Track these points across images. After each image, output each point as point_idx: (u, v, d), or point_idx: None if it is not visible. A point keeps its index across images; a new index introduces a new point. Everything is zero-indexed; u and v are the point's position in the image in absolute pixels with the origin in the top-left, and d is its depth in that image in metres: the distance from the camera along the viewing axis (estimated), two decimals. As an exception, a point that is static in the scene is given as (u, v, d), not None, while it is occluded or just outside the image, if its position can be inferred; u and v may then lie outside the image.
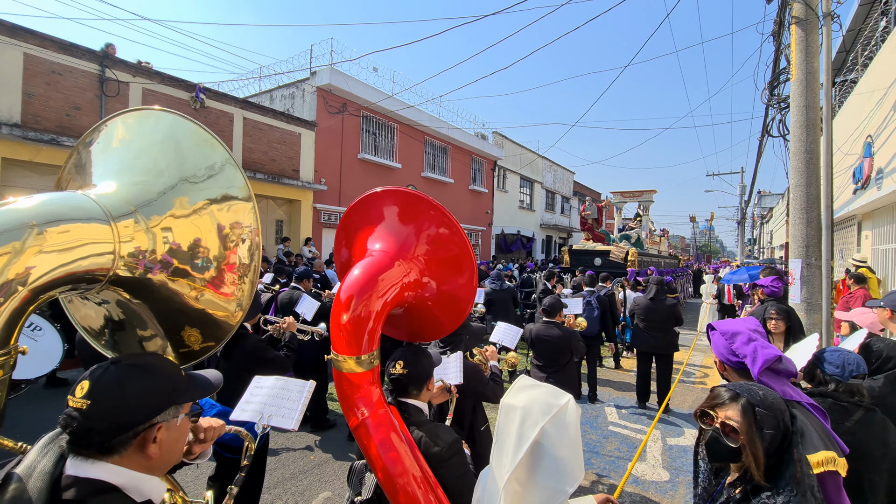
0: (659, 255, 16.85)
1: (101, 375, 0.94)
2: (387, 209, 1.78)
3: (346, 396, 1.52)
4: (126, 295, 1.25)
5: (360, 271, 1.61)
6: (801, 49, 4.83)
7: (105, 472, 0.89)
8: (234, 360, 2.87)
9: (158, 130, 1.31)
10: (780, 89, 7.16)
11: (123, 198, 1.19)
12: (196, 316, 1.31)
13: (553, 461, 1.04)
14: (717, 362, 1.77)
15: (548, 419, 1.06)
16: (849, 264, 7.54)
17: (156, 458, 0.95)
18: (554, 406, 1.08)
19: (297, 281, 5.24)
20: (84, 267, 1.06)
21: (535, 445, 1.04)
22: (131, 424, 0.91)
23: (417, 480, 1.46)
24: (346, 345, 1.51)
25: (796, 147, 4.91)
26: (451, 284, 1.79)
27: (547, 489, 1.03)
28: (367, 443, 1.48)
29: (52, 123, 7.73)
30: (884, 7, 8.89)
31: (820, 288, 4.76)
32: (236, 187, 1.31)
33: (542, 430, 1.05)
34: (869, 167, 7.59)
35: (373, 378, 1.55)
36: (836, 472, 1.40)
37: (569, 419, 1.08)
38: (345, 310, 1.53)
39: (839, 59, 11.82)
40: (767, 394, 1.26)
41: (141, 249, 1.18)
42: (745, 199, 26.23)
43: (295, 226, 12.56)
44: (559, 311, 3.97)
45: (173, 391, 1.00)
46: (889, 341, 2.13)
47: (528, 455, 1.04)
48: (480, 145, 19.53)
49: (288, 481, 3.63)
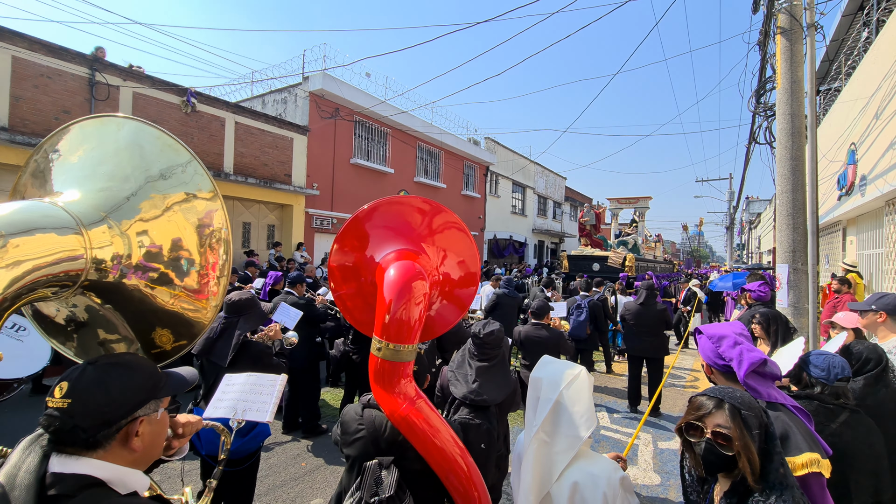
0: (655, 260, 17.14)
1: (80, 375, 0.95)
2: (417, 215, 1.85)
3: (394, 385, 1.56)
4: (97, 300, 1.25)
5: (408, 268, 1.64)
6: (786, 58, 4.93)
7: (90, 466, 0.91)
8: (242, 366, 2.87)
9: (121, 137, 1.31)
10: (766, 97, 7.30)
11: (91, 204, 1.19)
12: (168, 317, 1.31)
13: (571, 416, 1.39)
14: (705, 366, 1.80)
15: (564, 385, 1.43)
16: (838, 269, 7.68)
17: (139, 451, 0.98)
18: (570, 375, 1.46)
19: (290, 286, 5.21)
20: (53, 272, 1.05)
21: (556, 405, 1.41)
22: (115, 419, 0.94)
23: (465, 456, 1.59)
24: (411, 333, 1.56)
25: (782, 154, 5.01)
26: (456, 288, 1.90)
27: (568, 437, 1.38)
28: (420, 428, 1.53)
29: (41, 127, 7.64)
30: (865, 18, 9.11)
31: (807, 292, 4.84)
32: (204, 189, 1.32)
33: (560, 394, 1.42)
34: (853, 174, 7.75)
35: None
36: (819, 473, 1.43)
37: (581, 384, 1.44)
38: (413, 300, 1.57)
39: (823, 68, 12.09)
40: (742, 394, 1.26)
41: (115, 254, 1.18)
42: (733, 205, 26.62)
43: (287, 231, 12.49)
44: (546, 314, 4.15)
45: (153, 386, 1.03)
46: (868, 344, 2.18)
47: (550, 413, 1.41)
48: (473, 151, 19.62)
49: (279, 488, 3.60)
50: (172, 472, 3.64)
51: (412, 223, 1.82)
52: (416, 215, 1.82)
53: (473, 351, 2.57)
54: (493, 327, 2.54)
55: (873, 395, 2.02)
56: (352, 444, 1.69)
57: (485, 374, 2.45)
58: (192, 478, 3.31)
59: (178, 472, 3.64)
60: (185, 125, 9.70)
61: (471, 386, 2.40)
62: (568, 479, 1.36)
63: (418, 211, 1.83)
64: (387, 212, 1.80)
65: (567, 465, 1.37)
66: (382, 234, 1.80)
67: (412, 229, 1.81)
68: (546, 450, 1.37)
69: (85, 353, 1.36)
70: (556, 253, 29.80)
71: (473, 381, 2.42)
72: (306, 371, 4.73)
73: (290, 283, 5.20)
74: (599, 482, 1.35)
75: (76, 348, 1.37)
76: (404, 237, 1.80)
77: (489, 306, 6.76)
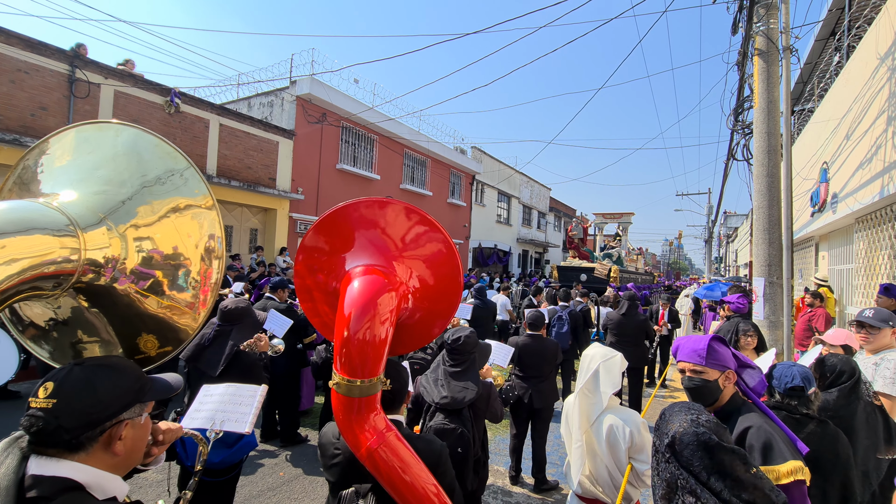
0: (637, 272, 18.31)
1: (67, 376, 0.94)
2: (383, 220, 1.63)
3: (360, 421, 1.40)
4: (85, 302, 1.23)
5: (369, 288, 1.47)
6: (763, 79, 5.12)
7: (70, 469, 0.89)
8: (231, 377, 2.81)
9: (119, 143, 1.30)
10: (744, 116, 7.55)
11: (87, 206, 1.18)
12: (156, 322, 1.29)
13: (603, 380, 2.05)
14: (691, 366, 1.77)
15: (602, 361, 2.09)
16: (811, 283, 7.91)
17: (121, 455, 0.97)
18: (607, 354, 2.12)
19: (272, 291, 5.12)
20: (46, 272, 1.04)
21: (594, 373, 2.07)
22: (99, 420, 0.93)
23: (439, 496, 1.47)
24: (374, 363, 1.40)
25: (759, 171, 5.17)
26: (436, 301, 1.74)
27: (601, 393, 2.04)
28: (386, 466, 1.40)
29: (16, 123, 7.40)
30: (837, 44, 9.53)
31: (782, 305, 4.98)
32: (201, 197, 1.32)
33: (598, 365, 2.08)
34: (825, 192, 8.03)
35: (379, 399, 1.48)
36: (802, 480, 1.46)
37: (613, 362, 2.09)
38: (376, 321, 1.42)
39: (797, 89, 12.56)
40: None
41: (111, 257, 1.17)
42: (712, 219, 27.29)
43: (270, 235, 12.32)
44: (542, 325, 4.15)
45: (139, 389, 1.02)
46: (842, 357, 2.24)
47: (591, 378, 2.07)
48: (459, 159, 19.73)
49: (256, 498, 3.51)
50: (151, 482, 3.51)
51: (390, 229, 1.64)
52: (396, 220, 1.63)
53: (446, 357, 2.68)
54: (461, 333, 2.64)
55: (846, 407, 2.08)
56: (330, 469, 1.62)
57: (454, 377, 2.57)
58: (173, 490, 3.20)
59: (151, 483, 3.52)
60: (168, 126, 9.52)
61: (441, 391, 2.52)
62: (605, 422, 1.97)
63: (398, 214, 1.63)
64: (373, 216, 1.63)
65: (603, 413, 2.00)
66: (358, 237, 1.63)
67: (393, 241, 1.65)
68: (587, 400, 2.05)
69: (61, 356, 1.32)
70: (541, 262, 30.06)
71: (443, 386, 2.54)
72: (286, 378, 4.64)
73: (272, 288, 5.11)
74: (627, 423, 1.94)
75: (51, 351, 1.33)
76: (381, 250, 1.64)
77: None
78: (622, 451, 1.95)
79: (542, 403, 3.96)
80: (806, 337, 5.82)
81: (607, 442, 1.98)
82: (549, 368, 4.07)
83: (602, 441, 2.00)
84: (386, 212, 1.63)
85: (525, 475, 4.10)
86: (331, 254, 1.66)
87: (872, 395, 2.19)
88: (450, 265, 1.68)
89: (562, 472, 4.29)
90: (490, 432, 5.12)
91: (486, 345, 3.01)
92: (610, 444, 1.98)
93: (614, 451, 1.98)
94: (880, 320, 2.67)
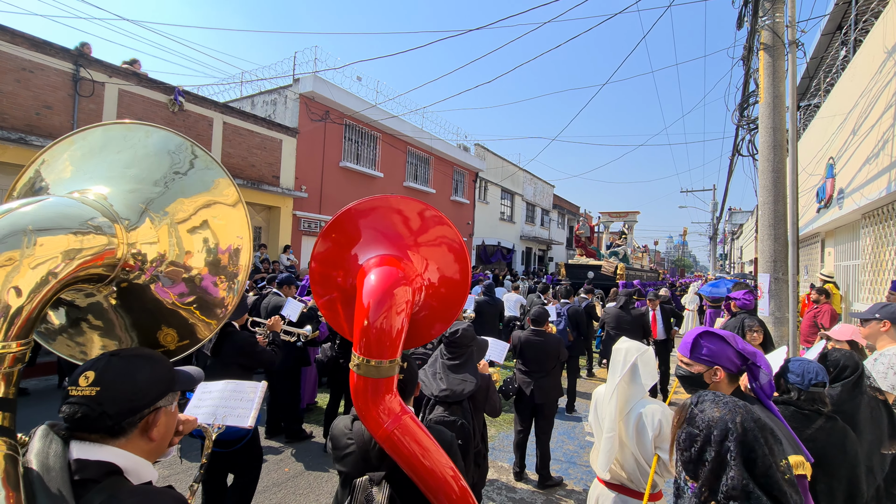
0: (642, 269, 18.76)
1: (106, 365, 0.99)
2: (403, 217, 1.73)
3: (378, 403, 1.46)
4: (114, 300, 1.25)
5: (390, 274, 1.53)
6: (768, 73, 5.08)
7: (112, 454, 0.95)
8: (224, 355, 3.05)
9: (150, 143, 1.33)
10: (749, 111, 7.50)
11: (126, 203, 1.21)
12: (179, 319, 1.31)
13: (642, 372, 2.13)
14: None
15: (638, 354, 2.14)
16: (816, 279, 7.86)
17: (156, 440, 1.03)
18: (642, 348, 2.18)
19: (279, 287, 5.18)
20: (91, 273, 1.08)
21: (632, 367, 2.12)
22: (140, 407, 0.98)
23: (457, 478, 1.51)
24: (392, 347, 1.47)
25: (764, 166, 5.14)
26: (441, 301, 1.78)
27: (639, 385, 2.12)
28: (405, 447, 1.45)
29: (21, 122, 7.45)
30: (843, 38, 9.43)
31: (787, 301, 4.96)
32: (229, 198, 1.37)
33: (636, 358, 2.13)
34: (831, 187, 7.97)
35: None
36: (804, 475, 1.46)
37: (649, 356, 2.18)
38: (395, 308, 1.47)
39: (803, 84, 12.46)
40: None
41: (156, 254, 1.21)
42: (716, 216, 27.16)
43: (273, 233, 12.36)
44: (546, 321, 4.19)
45: (172, 379, 1.08)
46: (845, 352, 2.23)
47: (629, 371, 2.12)
48: (462, 157, 19.70)
49: (261, 494, 3.53)
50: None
51: (404, 226, 1.72)
52: (411, 219, 1.73)
53: (444, 351, 2.72)
54: (458, 326, 2.68)
55: (850, 402, 2.07)
56: (342, 460, 1.64)
57: (452, 370, 2.60)
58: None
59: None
60: (171, 124, 9.55)
61: (439, 384, 2.56)
62: (635, 410, 2.07)
63: (415, 214, 1.73)
64: (382, 212, 1.72)
65: (635, 403, 2.10)
66: (372, 235, 1.71)
67: (403, 234, 1.72)
68: (625, 391, 2.12)
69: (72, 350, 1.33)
70: (544, 260, 30.02)
71: (441, 379, 2.58)
72: (287, 375, 4.69)
73: (279, 284, 5.18)
74: (656, 413, 2.04)
75: (69, 345, 1.34)
76: (392, 241, 1.71)
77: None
78: (648, 439, 2.03)
79: (544, 399, 3.98)
80: (811, 333, 5.80)
81: (635, 429, 2.08)
82: (551, 364, 4.10)
83: (630, 428, 2.10)
84: (416, 214, 1.72)
85: (529, 471, 4.11)
86: (341, 257, 1.72)
87: (875, 390, 2.18)
88: (461, 272, 1.75)
89: (565, 468, 4.30)
90: (494, 428, 5.13)
91: (483, 340, 3.04)
92: (638, 430, 2.08)
93: (640, 439, 2.05)
94: (871, 312, 2.68)
